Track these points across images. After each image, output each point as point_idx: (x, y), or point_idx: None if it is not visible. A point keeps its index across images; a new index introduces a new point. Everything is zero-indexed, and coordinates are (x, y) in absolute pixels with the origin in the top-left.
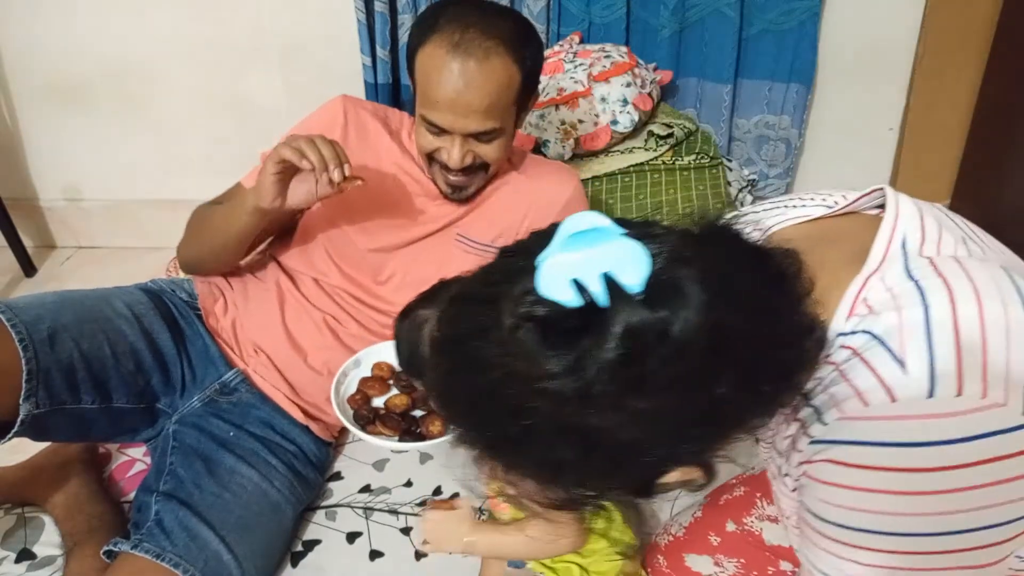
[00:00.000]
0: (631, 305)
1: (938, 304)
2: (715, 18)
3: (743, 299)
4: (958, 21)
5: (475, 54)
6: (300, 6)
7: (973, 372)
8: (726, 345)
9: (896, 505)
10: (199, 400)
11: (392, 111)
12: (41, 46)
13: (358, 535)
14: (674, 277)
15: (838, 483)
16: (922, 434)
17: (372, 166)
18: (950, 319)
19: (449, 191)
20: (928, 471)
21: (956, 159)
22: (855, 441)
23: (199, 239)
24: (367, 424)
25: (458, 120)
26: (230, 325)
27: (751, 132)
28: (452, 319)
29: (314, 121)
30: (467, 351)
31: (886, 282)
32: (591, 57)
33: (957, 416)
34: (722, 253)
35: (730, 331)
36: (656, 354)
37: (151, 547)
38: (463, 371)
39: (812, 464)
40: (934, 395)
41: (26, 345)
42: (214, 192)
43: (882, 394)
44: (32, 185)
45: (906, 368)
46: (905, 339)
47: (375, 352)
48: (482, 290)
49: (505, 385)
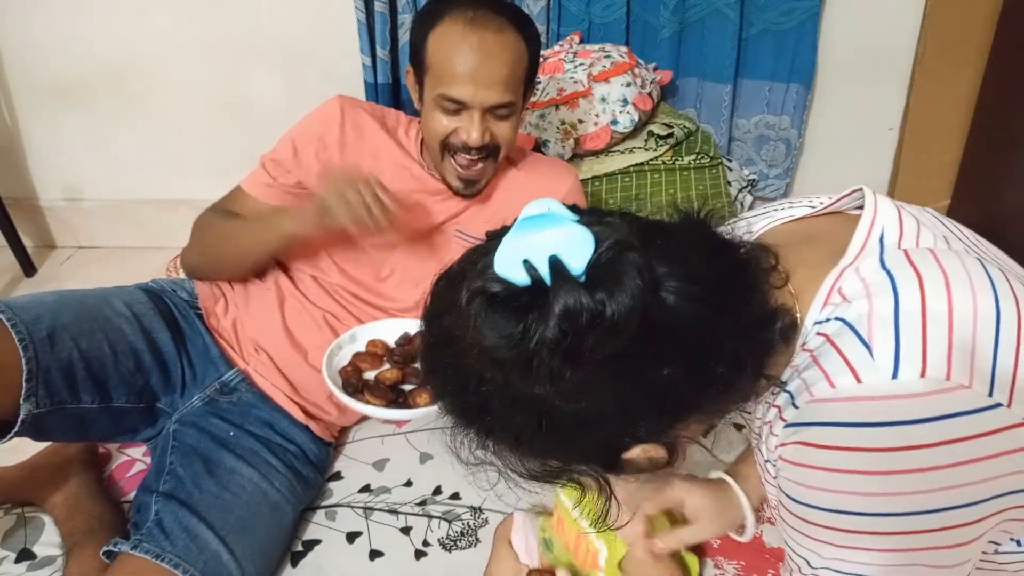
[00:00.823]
0: (572, 286)
1: (908, 293)
2: (715, 18)
3: (693, 287)
4: (958, 21)
5: (491, 27)
6: (300, 6)
7: (938, 356)
8: (666, 329)
9: (864, 485)
10: (199, 400)
11: (389, 110)
12: (41, 46)
13: (358, 535)
14: (615, 262)
15: (808, 464)
16: (886, 414)
17: (370, 164)
18: (918, 307)
19: (461, 186)
20: (893, 451)
21: (956, 159)
22: (823, 423)
23: (212, 250)
24: (355, 392)
25: (479, 92)
26: (230, 324)
27: (751, 132)
28: (433, 295)
29: (311, 121)
30: (440, 324)
31: (860, 273)
32: (591, 57)
33: (921, 397)
34: (681, 243)
35: (671, 316)
36: (591, 334)
37: (151, 547)
38: (437, 343)
39: (785, 447)
40: (898, 376)
41: (26, 344)
42: (214, 192)
43: (848, 376)
44: (32, 185)
45: (872, 351)
46: (873, 325)
47: (371, 329)
48: (458, 268)
49: (464, 355)
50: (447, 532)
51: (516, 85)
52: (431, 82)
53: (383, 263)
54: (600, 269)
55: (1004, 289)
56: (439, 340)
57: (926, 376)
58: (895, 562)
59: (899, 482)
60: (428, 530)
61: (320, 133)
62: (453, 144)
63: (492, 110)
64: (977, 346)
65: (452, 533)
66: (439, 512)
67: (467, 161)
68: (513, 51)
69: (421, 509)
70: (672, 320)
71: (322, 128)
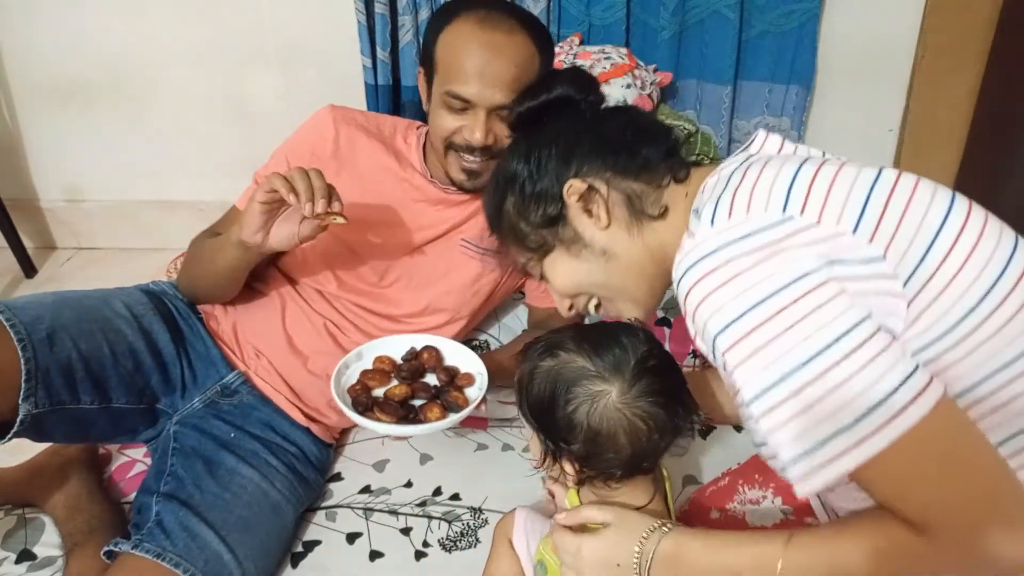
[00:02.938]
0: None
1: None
2: (715, 19)
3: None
4: (958, 21)
5: (502, 28)
6: (300, 7)
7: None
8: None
9: (747, 280)
10: (200, 401)
11: (384, 117)
12: (42, 46)
13: (358, 536)
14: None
15: (706, 293)
16: (726, 237)
17: (366, 174)
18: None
19: (463, 177)
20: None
21: (956, 159)
22: (695, 262)
23: (194, 270)
24: (365, 411)
25: (485, 91)
26: (231, 328)
27: (751, 133)
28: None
29: (304, 134)
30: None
31: (720, 174)
32: (591, 59)
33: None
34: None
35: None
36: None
37: (152, 547)
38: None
39: (689, 299)
40: (714, 224)
41: (25, 345)
42: (214, 193)
43: (691, 237)
44: (32, 186)
45: (700, 217)
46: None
47: (377, 346)
48: None
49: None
50: (447, 533)
51: (524, 88)
52: (439, 80)
53: (387, 272)
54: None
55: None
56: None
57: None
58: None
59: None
60: (428, 531)
61: (313, 147)
62: (457, 144)
63: (497, 111)
64: (772, 194)
65: (452, 534)
66: (439, 513)
67: (469, 159)
68: (522, 53)
69: (421, 510)
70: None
71: (315, 142)
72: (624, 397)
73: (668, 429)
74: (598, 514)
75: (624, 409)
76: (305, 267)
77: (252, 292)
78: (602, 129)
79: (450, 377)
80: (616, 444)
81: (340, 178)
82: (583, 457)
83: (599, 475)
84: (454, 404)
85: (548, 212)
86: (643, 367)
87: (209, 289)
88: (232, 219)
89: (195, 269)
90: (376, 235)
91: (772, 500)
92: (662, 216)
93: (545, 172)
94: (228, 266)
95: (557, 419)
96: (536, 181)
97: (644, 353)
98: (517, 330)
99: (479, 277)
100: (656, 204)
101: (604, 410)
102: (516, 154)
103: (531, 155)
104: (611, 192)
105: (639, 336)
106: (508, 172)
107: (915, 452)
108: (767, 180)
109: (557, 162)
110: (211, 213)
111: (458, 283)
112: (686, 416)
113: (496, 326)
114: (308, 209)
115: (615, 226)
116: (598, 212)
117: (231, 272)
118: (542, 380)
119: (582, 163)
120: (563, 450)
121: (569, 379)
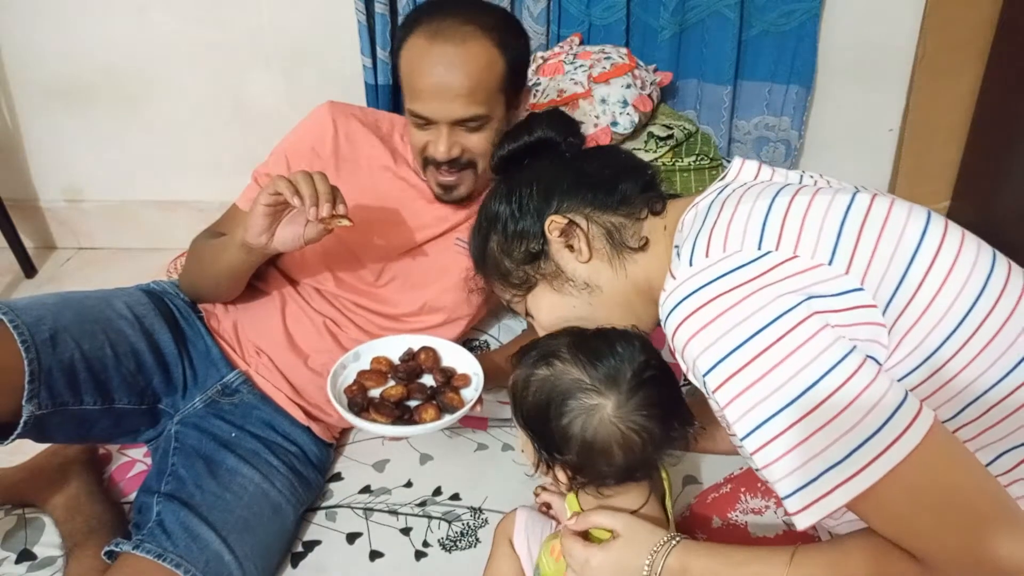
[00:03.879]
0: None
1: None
2: (715, 19)
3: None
4: (958, 22)
5: (453, 39)
6: (301, 7)
7: (717, 242)
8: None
9: (732, 317)
10: (200, 401)
11: (382, 115)
12: (42, 47)
13: (358, 536)
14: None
15: (691, 333)
16: (706, 276)
17: (365, 172)
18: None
19: (440, 191)
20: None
21: (956, 159)
22: (678, 303)
23: (196, 270)
24: (361, 411)
25: (442, 106)
26: (231, 327)
27: (751, 133)
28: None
29: (303, 131)
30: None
31: (698, 208)
32: (591, 59)
33: (721, 262)
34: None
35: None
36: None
37: (152, 547)
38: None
39: (676, 339)
40: (693, 264)
41: (28, 346)
42: (214, 193)
43: (672, 278)
44: (32, 186)
45: (680, 256)
46: (686, 240)
47: (374, 347)
48: None
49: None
50: (447, 533)
51: (486, 95)
52: (405, 96)
53: (384, 271)
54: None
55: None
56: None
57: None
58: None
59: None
60: (428, 531)
61: (312, 144)
62: (428, 158)
63: (460, 123)
64: (746, 235)
65: (452, 534)
66: (439, 513)
67: (443, 172)
68: (479, 62)
69: (421, 510)
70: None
71: (314, 139)
72: (619, 411)
73: (662, 441)
74: (607, 520)
75: (619, 423)
76: (303, 266)
77: (252, 290)
78: (582, 168)
79: (446, 378)
80: (610, 456)
81: (339, 176)
82: (576, 467)
83: (592, 483)
84: (449, 405)
85: (530, 248)
86: (639, 379)
87: (212, 289)
88: (232, 218)
89: (198, 269)
90: (373, 234)
91: (775, 511)
92: (643, 248)
93: (527, 211)
94: (232, 267)
95: (551, 430)
96: (518, 220)
97: (641, 364)
98: (517, 330)
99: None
100: (636, 236)
101: (599, 424)
102: (498, 195)
103: (512, 195)
104: (591, 226)
105: (636, 345)
106: (491, 213)
107: (909, 483)
108: (742, 216)
109: (538, 200)
110: (211, 213)
111: (455, 282)
112: (681, 429)
113: (496, 326)
114: (313, 214)
115: (596, 259)
116: (579, 246)
117: (234, 273)
118: (536, 390)
119: (563, 200)
120: (556, 459)
121: (564, 391)
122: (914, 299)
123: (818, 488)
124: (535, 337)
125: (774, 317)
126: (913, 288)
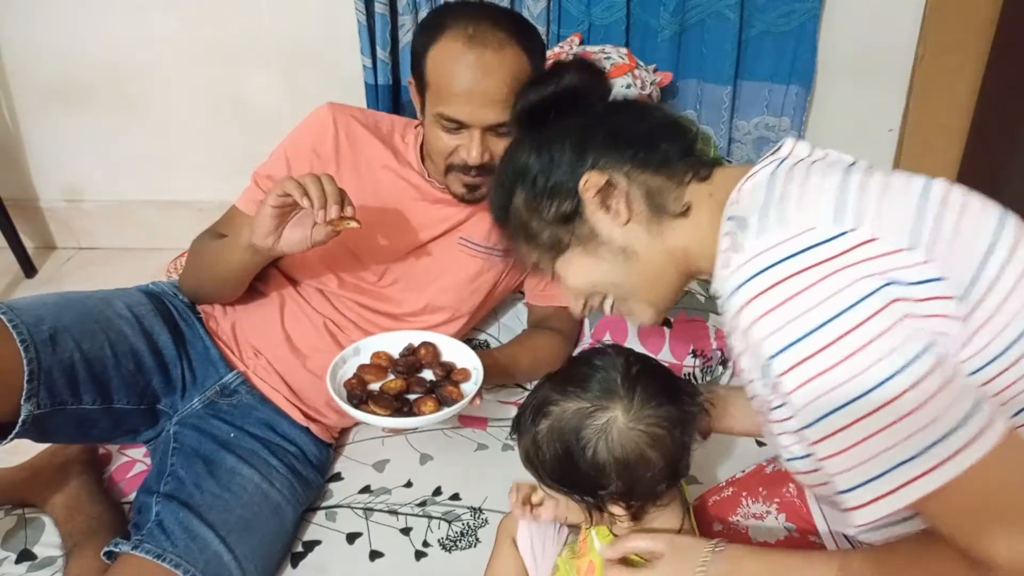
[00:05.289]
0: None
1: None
2: (715, 19)
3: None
4: (958, 21)
5: (490, 44)
6: (300, 7)
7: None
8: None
9: (807, 299)
10: (199, 401)
11: (382, 115)
12: (42, 47)
13: (358, 535)
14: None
15: (761, 313)
16: (779, 252)
17: (366, 172)
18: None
19: (465, 191)
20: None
21: (956, 159)
22: (747, 279)
23: (198, 271)
24: (360, 404)
25: (477, 111)
26: (230, 328)
27: (751, 133)
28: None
29: (303, 131)
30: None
31: (756, 178)
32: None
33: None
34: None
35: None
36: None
37: (152, 547)
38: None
39: (741, 318)
40: (763, 238)
41: (28, 346)
42: (214, 193)
43: (738, 252)
44: (32, 186)
45: (748, 229)
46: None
47: (375, 342)
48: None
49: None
50: (447, 533)
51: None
52: (431, 99)
53: (387, 271)
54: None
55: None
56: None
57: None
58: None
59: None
60: (428, 531)
61: (313, 145)
62: (455, 163)
63: (492, 128)
64: (805, 208)
65: (452, 534)
66: (439, 513)
67: (471, 175)
68: (513, 68)
69: (421, 510)
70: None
71: (314, 140)
72: (630, 415)
73: (683, 421)
74: (645, 543)
75: (637, 425)
76: (305, 266)
77: (251, 291)
78: (616, 121)
79: (446, 372)
80: (647, 462)
81: (340, 176)
82: (624, 492)
83: (647, 500)
84: (448, 398)
85: (563, 208)
86: (631, 377)
87: (214, 290)
88: (232, 219)
89: (200, 270)
90: (375, 234)
91: (776, 516)
92: (684, 214)
93: (558, 165)
94: (235, 268)
95: (582, 470)
96: (549, 175)
97: (623, 364)
98: (517, 329)
99: (478, 275)
100: (678, 201)
101: (620, 436)
102: (525, 147)
103: (542, 148)
104: (631, 186)
105: (608, 352)
106: (517, 166)
107: (981, 485)
108: (815, 190)
109: (571, 155)
110: (211, 213)
111: (457, 281)
112: (692, 400)
113: (496, 325)
114: (321, 216)
115: (635, 222)
116: (617, 207)
117: (238, 274)
118: (549, 443)
119: (598, 156)
120: (603, 496)
121: (574, 427)
122: (985, 299)
123: (886, 483)
124: (535, 337)
125: (853, 302)
126: (985, 287)
